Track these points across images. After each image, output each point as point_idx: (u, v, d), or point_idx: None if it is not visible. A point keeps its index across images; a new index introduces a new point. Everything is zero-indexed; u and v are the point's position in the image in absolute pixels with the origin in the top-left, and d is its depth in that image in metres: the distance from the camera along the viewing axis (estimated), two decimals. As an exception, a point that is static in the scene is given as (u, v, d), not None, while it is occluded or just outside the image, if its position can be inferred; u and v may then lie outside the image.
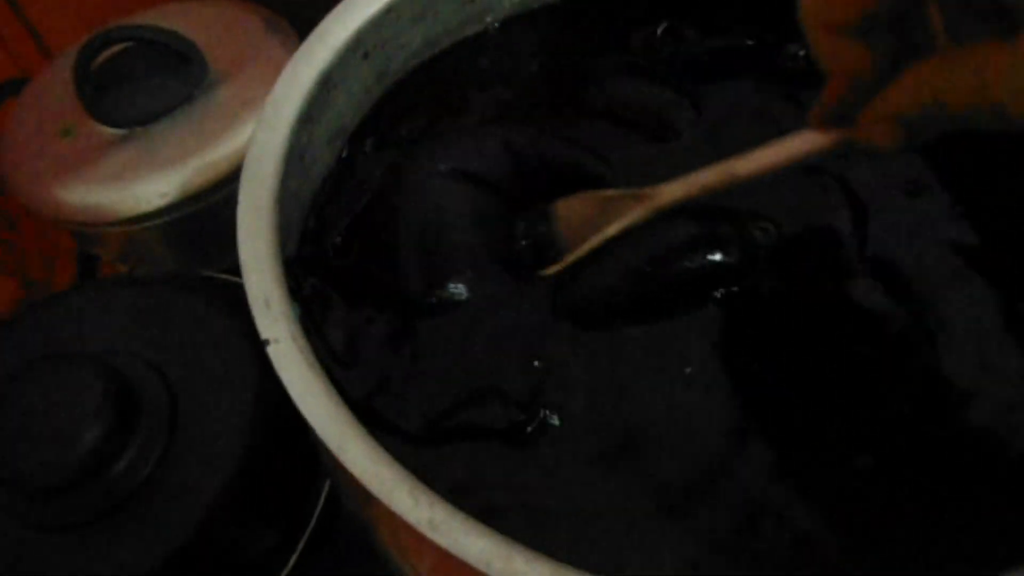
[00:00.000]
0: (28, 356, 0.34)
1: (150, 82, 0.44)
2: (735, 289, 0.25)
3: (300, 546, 0.31)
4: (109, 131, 0.44)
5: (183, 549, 0.28)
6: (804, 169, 0.26)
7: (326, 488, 0.32)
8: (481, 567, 0.18)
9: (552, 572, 0.18)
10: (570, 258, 0.26)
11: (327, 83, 0.29)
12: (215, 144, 0.42)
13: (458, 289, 0.25)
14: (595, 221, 0.26)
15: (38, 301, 0.37)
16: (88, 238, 0.45)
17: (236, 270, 0.38)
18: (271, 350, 0.22)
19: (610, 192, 0.26)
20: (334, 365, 0.24)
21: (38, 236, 0.60)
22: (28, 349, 0.35)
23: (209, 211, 0.42)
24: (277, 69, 0.29)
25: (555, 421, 0.23)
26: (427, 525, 0.19)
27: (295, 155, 0.28)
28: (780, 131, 0.24)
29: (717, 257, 0.25)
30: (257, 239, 0.24)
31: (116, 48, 0.44)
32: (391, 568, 0.27)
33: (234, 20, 0.47)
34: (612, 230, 0.25)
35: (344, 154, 0.31)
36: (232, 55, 0.45)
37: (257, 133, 0.27)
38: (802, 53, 0.31)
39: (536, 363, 0.24)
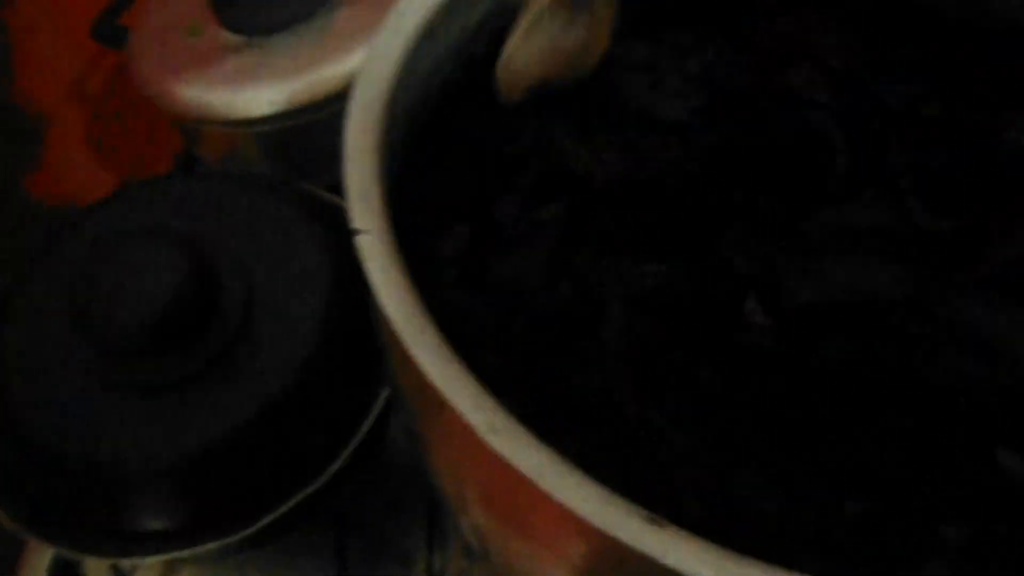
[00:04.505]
0: (121, 229, 0.35)
1: (277, -5, 0.45)
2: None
3: (346, 452, 0.31)
4: (232, 36, 0.45)
5: (240, 430, 0.29)
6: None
7: (379, 403, 0.33)
8: (534, 478, 0.18)
9: (602, 497, 0.18)
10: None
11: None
12: (328, 62, 0.43)
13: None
14: None
15: (135, 183, 0.39)
16: (195, 136, 0.47)
17: (328, 187, 0.39)
18: (359, 240, 0.22)
19: None
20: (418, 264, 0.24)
21: (142, 135, 0.62)
22: (121, 223, 0.36)
23: (311, 126, 0.43)
24: None
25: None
26: (486, 429, 0.19)
27: (410, 68, 0.28)
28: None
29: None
30: (364, 133, 0.24)
31: (250, -43, 0.45)
32: (437, 490, 0.27)
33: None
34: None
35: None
36: (358, -20, 0.46)
37: (380, 37, 0.27)
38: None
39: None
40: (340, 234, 0.35)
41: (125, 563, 0.37)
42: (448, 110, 0.28)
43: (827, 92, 0.30)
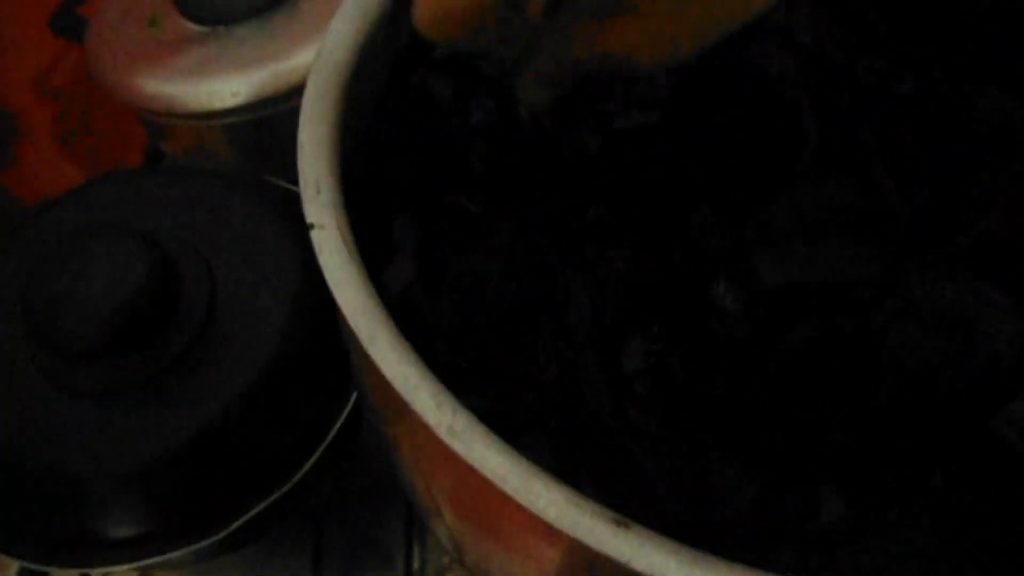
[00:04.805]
0: (78, 226, 0.34)
1: (240, -17, 0.44)
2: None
3: (318, 453, 0.31)
4: (193, 26, 0.44)
5: (206, 432, 0.29)
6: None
7: (350, 402, 0.32)
8: (497, 482, 0.17)
9: (567, 500, 0.17)
10: None
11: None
12: (292, 53, 0.42)
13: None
14: None
15: (97, 178, 0.38)
16: (159, 130, 0.46)
17: (296, 179, 0.38)
18: (315, 235, 0.21)
19: None
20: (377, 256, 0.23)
21: (112, 128, 0.61)
22: (80, 220, 0.35)
23: (277, 118, 0.42)
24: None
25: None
26: (446, 431, 0.18)
27: (369, 56, 0.27)
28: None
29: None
30: (318, 124, 0.23)
31: (211, -55, 0.44)
32: (408, 491, 0.26)
33: (330, -67, 0.47)
34: None
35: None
36: (323, -33, 0.44)
37: (335, 23, 0.26)
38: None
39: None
40: (306, 229, 0.34)
41: (95, 573, 0.36)
42: (407, 98, 0.27)
43: (796, 68, 0.29)
